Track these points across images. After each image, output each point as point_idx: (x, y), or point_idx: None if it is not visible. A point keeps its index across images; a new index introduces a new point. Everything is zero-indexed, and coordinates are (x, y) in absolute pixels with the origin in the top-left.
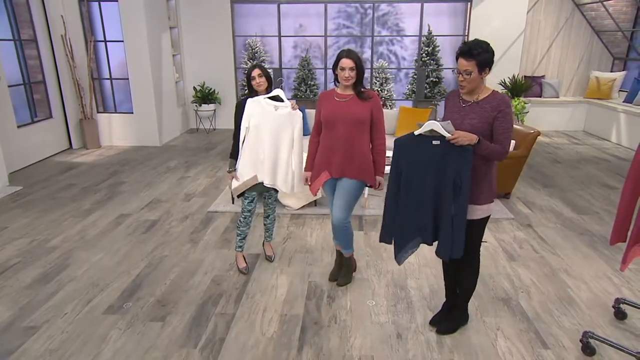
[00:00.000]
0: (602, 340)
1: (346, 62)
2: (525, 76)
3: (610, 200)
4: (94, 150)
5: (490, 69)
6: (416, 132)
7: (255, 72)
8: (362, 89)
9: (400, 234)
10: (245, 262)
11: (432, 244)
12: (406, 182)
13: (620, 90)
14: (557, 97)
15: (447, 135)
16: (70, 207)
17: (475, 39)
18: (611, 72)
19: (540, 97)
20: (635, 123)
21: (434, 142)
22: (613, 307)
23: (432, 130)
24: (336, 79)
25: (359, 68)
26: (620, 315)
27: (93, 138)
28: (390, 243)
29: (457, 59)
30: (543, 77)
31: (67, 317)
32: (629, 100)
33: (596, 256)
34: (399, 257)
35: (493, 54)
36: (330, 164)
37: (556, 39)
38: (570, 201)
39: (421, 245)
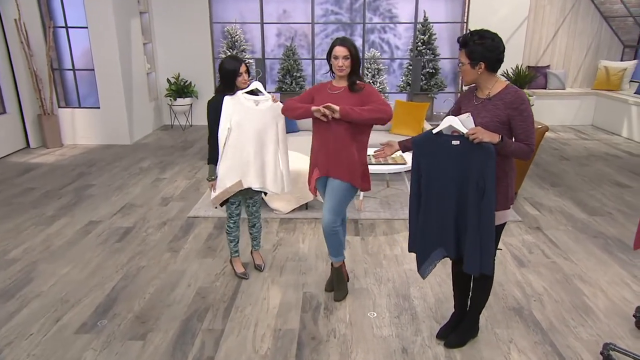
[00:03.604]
0: (625, 353)
1: (340, 50)
2: (528, 66)
3: (623, 199)
4: (56, 150)
5: (487, 64)
6: (434, 130)
7: (243, 68)
8: (357, 81)
9: (422, 242)
10: (243, 266)
11: (455, 259)
12: (427, 186)
13: (631, 81)
14: (563, 89)
15: (464, 131)
16: (30, 214)
17: (482, 29)
18: (621, 61)
19: (545, 88)
20: None
21: (454, 143)
22: (634, 316)
23: (450, 127)
24: (331, 70)
25: (354, 57)
26: None
27: (54, 136)
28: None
29: None
30: (548, 67)
31: (33, 338)
32: None
33: (612, 261)
34: (422, 269)
35: (490, 49)
36: (317, 161)
37: (562, 26)
38: (581, 201)
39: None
